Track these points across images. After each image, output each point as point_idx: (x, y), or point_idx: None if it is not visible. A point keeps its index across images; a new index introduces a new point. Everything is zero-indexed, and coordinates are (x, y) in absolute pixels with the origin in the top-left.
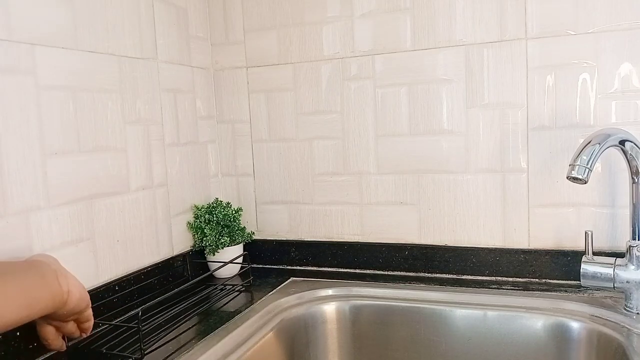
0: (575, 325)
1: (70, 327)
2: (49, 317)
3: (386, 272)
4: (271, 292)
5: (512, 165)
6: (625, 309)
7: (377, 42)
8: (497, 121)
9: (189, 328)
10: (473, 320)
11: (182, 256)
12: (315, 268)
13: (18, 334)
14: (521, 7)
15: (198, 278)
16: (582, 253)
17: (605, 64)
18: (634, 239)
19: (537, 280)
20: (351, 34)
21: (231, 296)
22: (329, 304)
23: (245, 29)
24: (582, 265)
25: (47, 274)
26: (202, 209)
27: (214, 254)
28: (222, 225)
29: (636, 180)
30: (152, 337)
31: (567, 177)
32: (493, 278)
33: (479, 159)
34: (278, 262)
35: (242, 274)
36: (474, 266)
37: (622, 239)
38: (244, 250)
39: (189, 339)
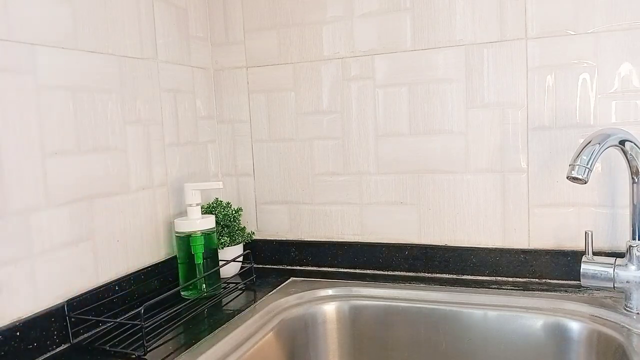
0: (575, 325)
1: None
2: None
3: (386, 272)
4: (271, 292)
5: (512, 165)
6: (625, 309)
7: (377, 42)
8: (497, 121)
9: (190, 327)
10: (473, 320)
11: None
12: (315, 268)
13: (18, 334)
14: (521, 7)
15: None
16: (582, 253)
17: (605, 64)
18: (634, 239)
19: (537, 280)
20: (351, 34)
21: (232, 296)
22: (329, 304)
23: (245, 29)
24: (582, 265)
25: None
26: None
27: None
28: (222, 225)
29: (636, 180)
30: (153, 336)
31: (567, 177)
32: (493, 278)
33: (479, 159)
34: (278, 262)
35: (242, 274)
36: (474, 266)
37: (622, 239)
38: (244, 250)
39: (189, 338)
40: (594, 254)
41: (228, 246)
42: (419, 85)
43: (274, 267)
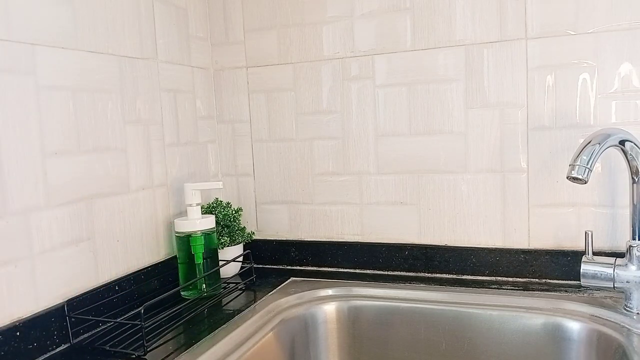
0: (575, 325)
1: None
2: None
3: (386, 272)
4: (271, 292)
5: (512, 165)
6: (625, 309)
7: (377, 42)
8: (497, 121)
9: (190, 327)
10: (473, 320)
11: None
12: (315, 268)
13: (18, 334)
14: (521, 7)
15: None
16: (582, 253)
17: (605, 64)
18: (634, 239)
19: (537, 280)
20: (351, 34)
21: (232, 296)
22: (329, 304)
23: (245, 29)
24: (582, 265)
25: None
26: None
27: None
28: (222, 225)
29: (636, 180)
30: (153, 336)
31: (567, 177)
32: (493, 278)
33: (479, 159)
34: (278, 262)
35: (242, 274)
36: (474, 266)
37: (622, 239)
38: (244, 250)
39: (189, 338)
40: (594, 254)
41: (228, 246)
42: (419, 85)
43: (274, 267)
